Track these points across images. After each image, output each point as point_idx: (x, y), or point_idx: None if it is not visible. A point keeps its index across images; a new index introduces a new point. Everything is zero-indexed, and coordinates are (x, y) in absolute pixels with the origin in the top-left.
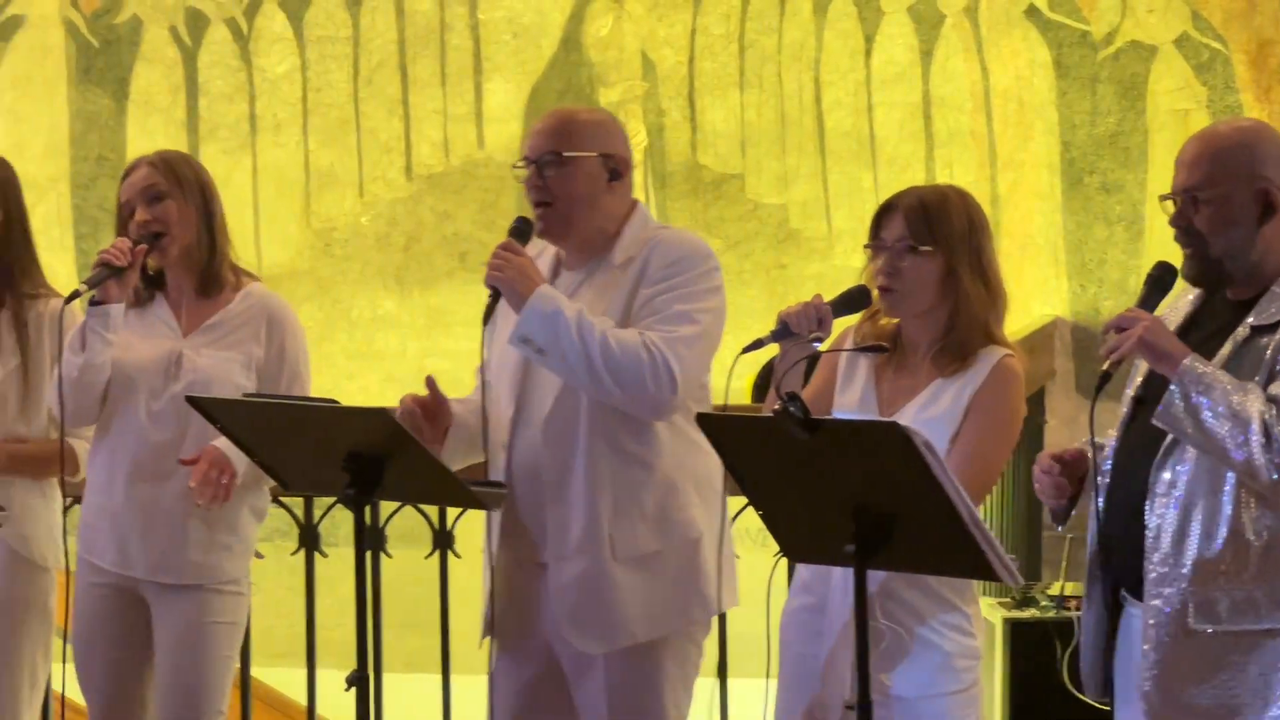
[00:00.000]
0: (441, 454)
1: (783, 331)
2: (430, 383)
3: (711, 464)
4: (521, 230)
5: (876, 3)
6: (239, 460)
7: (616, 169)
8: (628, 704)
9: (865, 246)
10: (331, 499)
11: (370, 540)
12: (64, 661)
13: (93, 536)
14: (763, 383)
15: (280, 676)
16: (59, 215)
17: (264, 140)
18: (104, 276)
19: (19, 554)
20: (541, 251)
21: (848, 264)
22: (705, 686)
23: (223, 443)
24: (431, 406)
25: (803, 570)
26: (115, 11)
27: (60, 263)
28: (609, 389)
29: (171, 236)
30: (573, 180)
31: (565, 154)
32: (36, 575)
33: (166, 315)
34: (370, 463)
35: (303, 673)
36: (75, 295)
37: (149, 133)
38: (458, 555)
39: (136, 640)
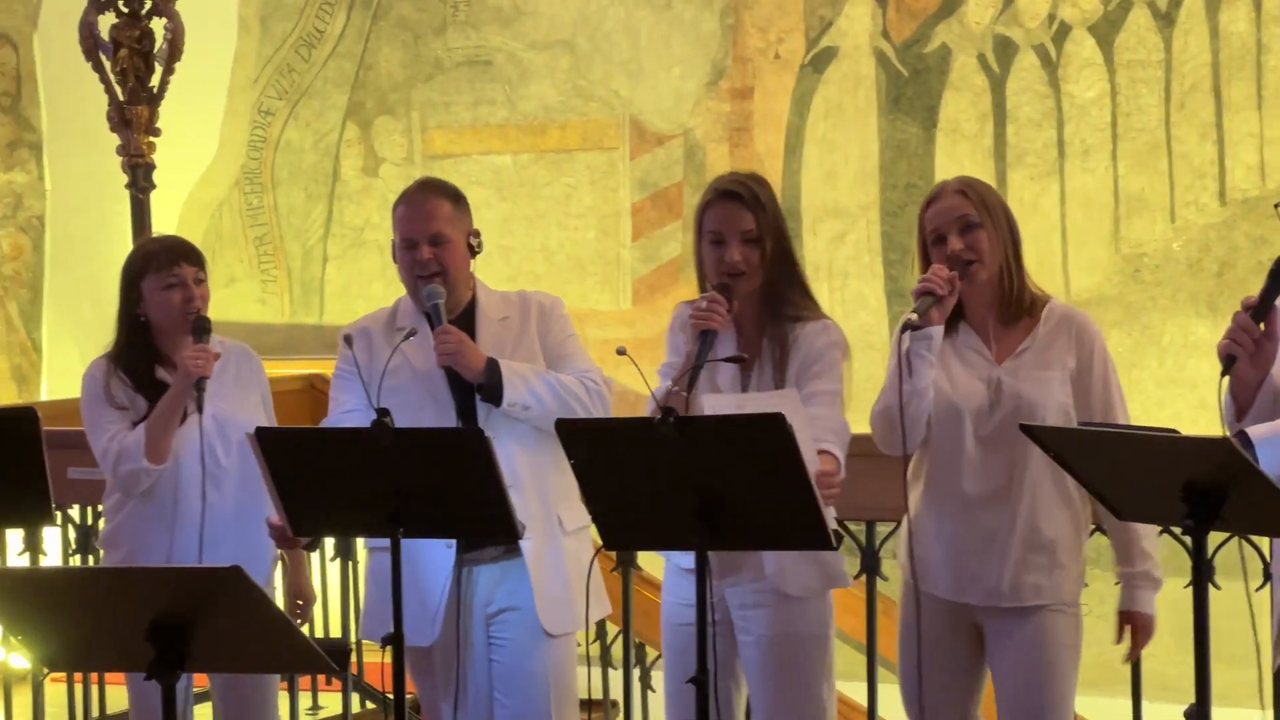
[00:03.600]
0: None
1: None
2: None
3: None
4: None
5: None
6: None
7: None
8: None
9: None
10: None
11: (1203, 572)
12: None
13: (925, 565)
14: None
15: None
16: (869, 242)
17: (1072, 166)
18: (928, 305)
19: (784, 591)
20: None
21: None
22: None
23: None
24: None
25: None
26: (925, 41)
27: (870, 290)
28: None
29: (983, 264)
30: None
31: None
32: (808, 608)
33: (977, 344)
34: (1209, 493)
35: (1104, 701)
36: (908, 326)
37: (956, 160)
38: None
39: (969, 664)
